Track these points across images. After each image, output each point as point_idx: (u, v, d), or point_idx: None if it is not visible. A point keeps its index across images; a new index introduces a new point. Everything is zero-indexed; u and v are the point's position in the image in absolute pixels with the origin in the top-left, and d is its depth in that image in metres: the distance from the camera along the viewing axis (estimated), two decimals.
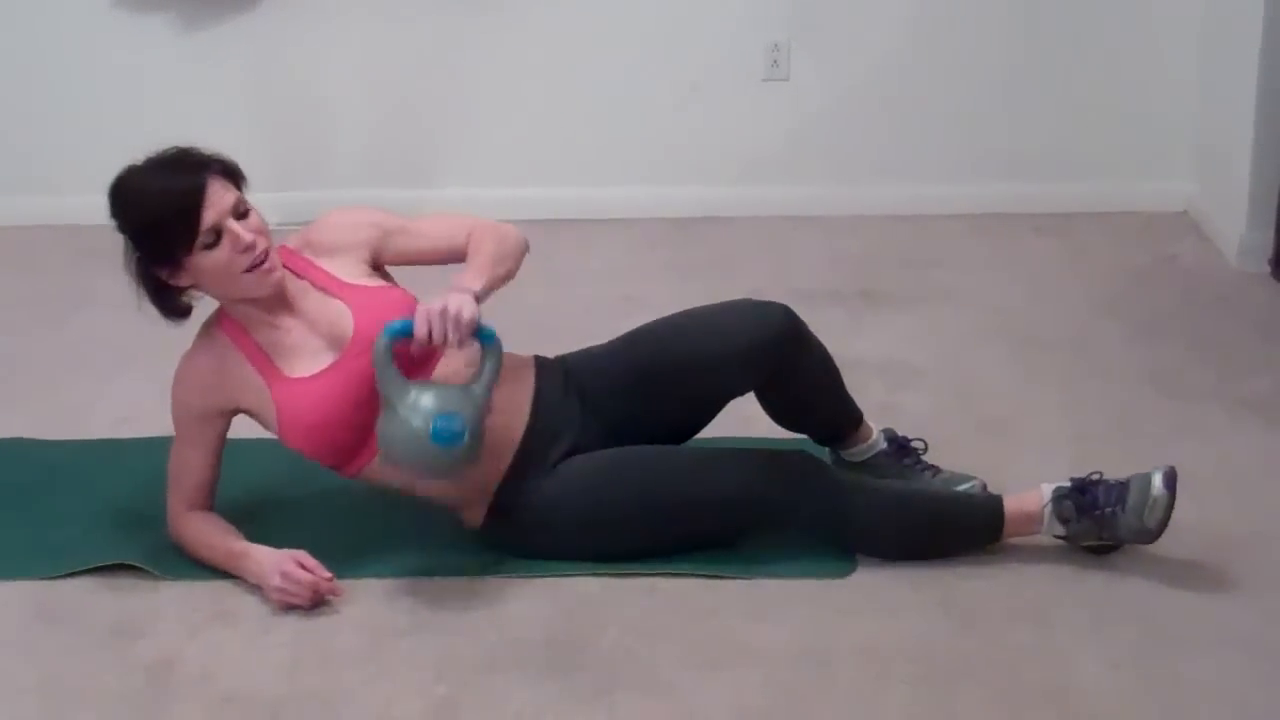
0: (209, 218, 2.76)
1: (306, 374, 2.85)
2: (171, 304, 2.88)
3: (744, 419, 3.15)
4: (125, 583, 2.93)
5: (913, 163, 5.02)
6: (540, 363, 3.07)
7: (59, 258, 4.67)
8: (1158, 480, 2.87)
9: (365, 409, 2.82)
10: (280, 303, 2.88)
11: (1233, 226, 4.51)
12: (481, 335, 2.79)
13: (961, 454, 3.23)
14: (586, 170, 5.03)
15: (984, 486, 3.09)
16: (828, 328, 3.91)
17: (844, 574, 2.91)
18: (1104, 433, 3.45)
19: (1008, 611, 2.80)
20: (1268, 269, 4.39)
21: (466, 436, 2.73)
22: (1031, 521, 2.94)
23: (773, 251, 4.70)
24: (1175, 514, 2.95)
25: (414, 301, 2.91)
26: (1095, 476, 2.93)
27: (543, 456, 2.95)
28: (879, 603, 2.83)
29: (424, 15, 4.90)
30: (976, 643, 2.71)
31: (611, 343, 3.11)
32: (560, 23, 4.93)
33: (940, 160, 5.02)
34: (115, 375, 3.82)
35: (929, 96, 4.96)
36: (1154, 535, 2.88)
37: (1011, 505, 2.95)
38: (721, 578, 2.90)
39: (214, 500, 2.98)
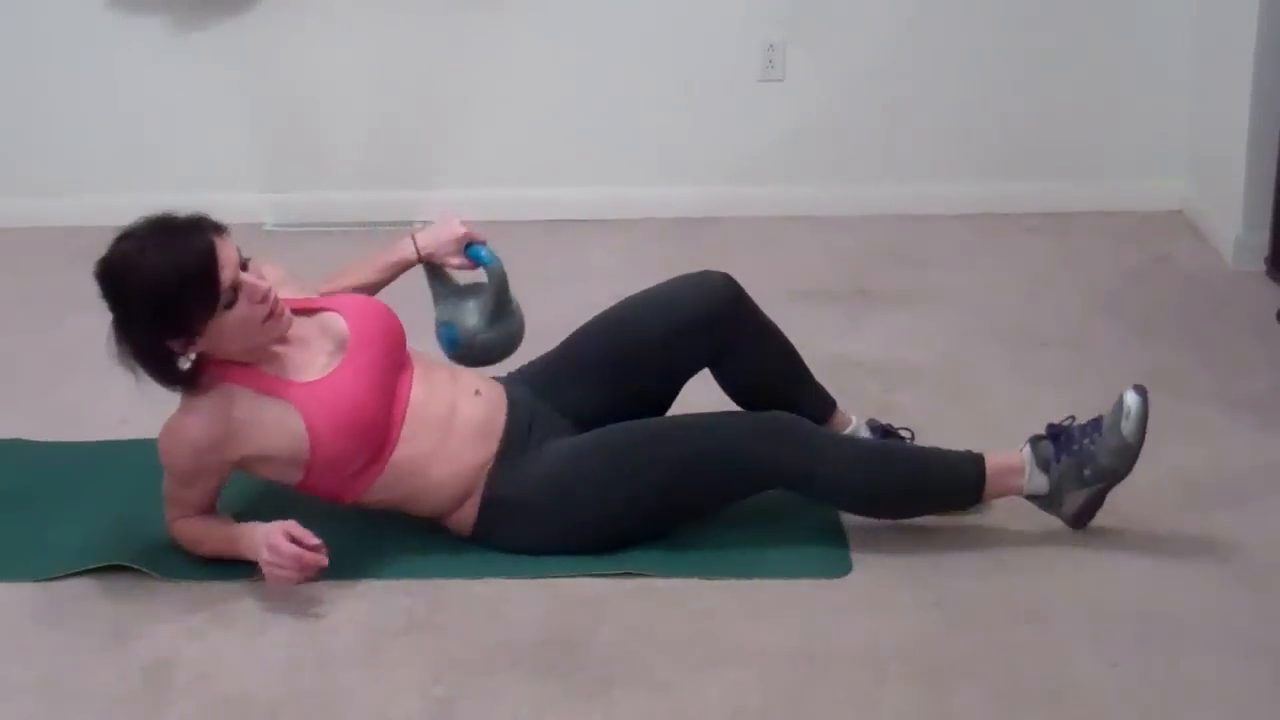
0: (226, 276, 2.76)
1: (323, 374, 2.89)
2: (176, 373, 2.85)
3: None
4: (123, 584, 2.93)
5: (909, 162, 5.02)
6: (498, 380, 3.16)
7: (54, 259, 4.66)
8: (1129, 394, 2.92)
9: (382, 396, 2.91)
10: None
11: (1229, 226, 4.51)
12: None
13: None
14: (583, 171, 5.03)
15: None
16: (824, 327, 3.93)
17: (840, 574, 2.91)
18: None
19: (1004, 611, 2.80)
20: (1264, 268, 4.39)
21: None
22: (1013, 472, 2.97)
23: (769, 251, 4.70)
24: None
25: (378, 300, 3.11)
26: (1068, 421, 2.98)
27: (525, 442, 3.00)
28: (875, 602, 2.83)
29: (419, 17, 4.90)
30: (973, 642, 2.72)
31: (562, 342, 3.21)
32: (556, 24, 4.93)
33: (936, 160, 5.02)
34: (113, 376, 3.78)
35: (925, 96, 4.96)
36: (1134, 450, 2.90)
37: (992, 459, 2.99)
38: (718, 578, 2.90)
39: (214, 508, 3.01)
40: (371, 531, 3.05)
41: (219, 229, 2.81)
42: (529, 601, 2.85)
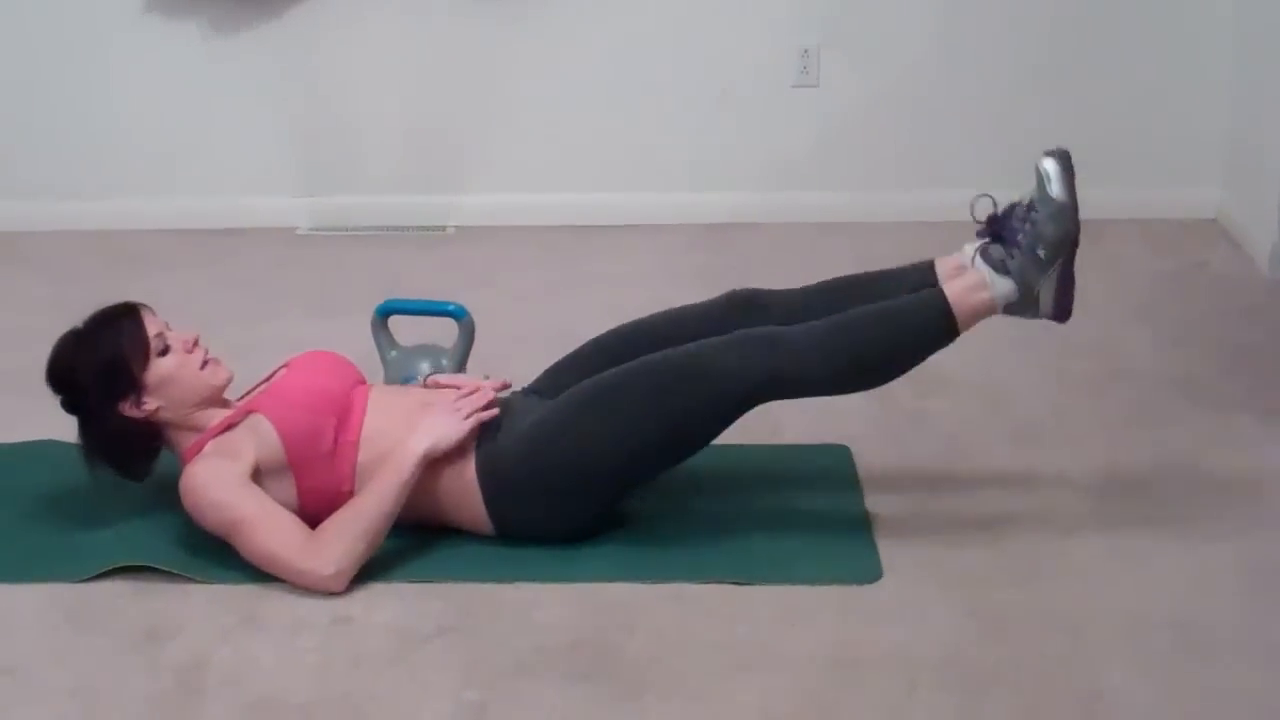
0: (152, 328, 3.00)
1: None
2: (136, 450, 3.05)
3: (772, 428, 3.15)
4: (156, 586, 2.94)
5: (942, 168, 5.01)
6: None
7: (89, 263, 4.68)
8: (1043, 160, 2.98)
9: (333, 371, 3.10)
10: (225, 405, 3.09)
11: (1264, 234, 4.49)
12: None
13: (990, 461, 3.22)
14: (616, 176, 5.03)
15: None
16: None
17: (871, 580, 2.91)
18: (1133, 441, 3.44)
19: (1038, 619, 2.79)
20: None
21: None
22: (976, 288, 2.97)
23: (802, 257, 4.68)
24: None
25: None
26: (993, 212, 3.01)
27: (502, 423, 3.02)
28: (908, 609, 2.83)
29: (453, 21, 4.91)
30: (1006, 650, 2.71)
31: (572, 353, 3.20)
32: (589, 29, 4.93)
33: (969, 166, 4.99)
34: None
35: (958, 102, 4.96)
36: (1071, 206, 2.97)
37: (951, 285, 3.00)
38: (749, 583, 2.90)
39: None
40: (403, 535, 3.05)
41: (141, 305, 3.05)
42: (560, 606, 2.85)
